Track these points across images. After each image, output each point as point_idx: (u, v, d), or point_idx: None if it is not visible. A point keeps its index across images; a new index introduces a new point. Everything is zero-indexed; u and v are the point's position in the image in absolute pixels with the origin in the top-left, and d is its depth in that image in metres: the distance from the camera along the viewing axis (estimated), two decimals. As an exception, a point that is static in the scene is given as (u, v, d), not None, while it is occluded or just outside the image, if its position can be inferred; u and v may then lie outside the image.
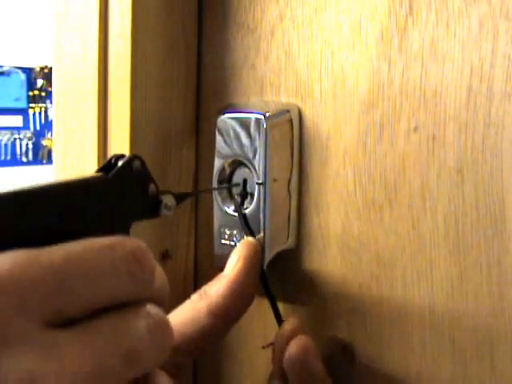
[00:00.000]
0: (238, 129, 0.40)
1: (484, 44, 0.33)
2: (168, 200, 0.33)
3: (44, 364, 0.22)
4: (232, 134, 0.41)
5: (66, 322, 0.23)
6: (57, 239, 0.25)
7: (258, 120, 0.40)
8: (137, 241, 0.26)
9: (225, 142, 0.41)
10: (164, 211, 0.33)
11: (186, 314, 0.37)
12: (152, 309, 0.26)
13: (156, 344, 0.25)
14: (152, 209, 0.33)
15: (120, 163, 0.30)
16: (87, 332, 0.24)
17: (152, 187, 0.32)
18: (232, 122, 0.41)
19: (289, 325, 0.37)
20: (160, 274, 0.28)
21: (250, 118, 0.40)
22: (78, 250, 0.24)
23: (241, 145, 0.40)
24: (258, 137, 0.39)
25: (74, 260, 0.24)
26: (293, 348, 0.36)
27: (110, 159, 0.31)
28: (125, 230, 0.29)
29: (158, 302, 0.27)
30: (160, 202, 0.33)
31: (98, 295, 0.24)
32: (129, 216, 0.30)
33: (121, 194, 0.30)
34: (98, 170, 0.30)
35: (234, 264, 0.38)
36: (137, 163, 0.31)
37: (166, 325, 0.26)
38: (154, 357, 0.25)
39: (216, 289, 0.37)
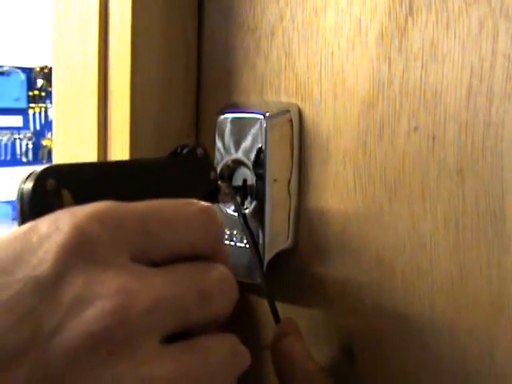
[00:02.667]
0: (238, 129, 0.40)
1: (484, 44, 0.33)
2: (225, 188, 0.37)
3: (134, 283, 0.25)
4: (232, 133, 0.41)
5: (149, 264, 0.27)
6: None
7: (257, 120, 0.40)
8: (207, 203, 0.30)
9: (225, 141, 0.41)
10: (221, 198, 0.37)
11: None
12: (221, 266, 0.29)
13: (224, 293, 0.28)
14: (211, 194, 0.36)
15: (186, 150, 0.34)
16: (168, 270, 0.27)
17: (213, 174, 0.36)
18: (232, 121, 0.41)
19: (281, 326, 0.38)
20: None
21: (249, 118, 0.40)
22: (158, 203, 0.28)
23: (241, 145, 0.40)
24: (258, 137, 0.40)
25: (155, 210, 0.28)
26: (281, 349, 0.36)
27: (176, 148, 0.35)
28: None
29: (224, 263, 0.30)
30: (219, 188, 0.36)
31: (176, 241, 0.28)
32: (192, 196, 0.33)
33: (187, 175, 0.34)
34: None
35: None
36: (200, 151, 0.35)
37: (232, 279, 0.29)
38: (221, 305, 0.28)
39: None
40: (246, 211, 0.41)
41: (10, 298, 0.24)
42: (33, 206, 0.28)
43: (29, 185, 0.28)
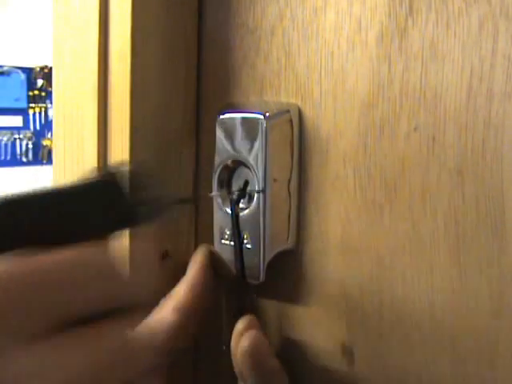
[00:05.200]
0: (238, 129, 0.40)
1: (484, 44, 0.33)
2: (145, 211, 0.32)
3: (39, 366, 0.24)
4: (232, 133, 0.41)
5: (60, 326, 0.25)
6: (40, 240, 0.26)
7: (257, 120, 0.39)
8: (101, 250, 0.27)
9: (225, 141, 0.41)
10: (142, 222, 0.32)
11: (156, 316, 0.41)
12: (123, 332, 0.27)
13: (130, 359, 0.27)
14: (128, 219, 0.31)
15: (94, 176, 0.30)
16: (73, 341, 0.25)
17: (128, 198, 0.31)
18: (232, 122, 0.41)
19: (240, 324, 0.38)
20: (142, 277, 0.29)
21: (249, 118, 0.40)
22: (53, 259, 0.25)
23: (241, 145, 0.40)
24: (258, 137, 0.39)
25: (52, 268, 0.25)
26: (242, 345, 0.37)
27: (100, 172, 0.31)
28: (101, 238, 0.29)
29: (134, 303, 0.28)
30: (137, 212, 0.32)
31: (78, 300, 0.26)
32: (103, 225, 0.30)
33: (93, 203, 0.30)
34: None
35: (191, 267, 0.42)
36: (111, 175, 0.31)
37: (131, 347, 0.27)
38: (131, 368, 0.26)
39: (178, 289, 0.41)
40: (246, 211, 0.41)
41: None
42: None
43: None
